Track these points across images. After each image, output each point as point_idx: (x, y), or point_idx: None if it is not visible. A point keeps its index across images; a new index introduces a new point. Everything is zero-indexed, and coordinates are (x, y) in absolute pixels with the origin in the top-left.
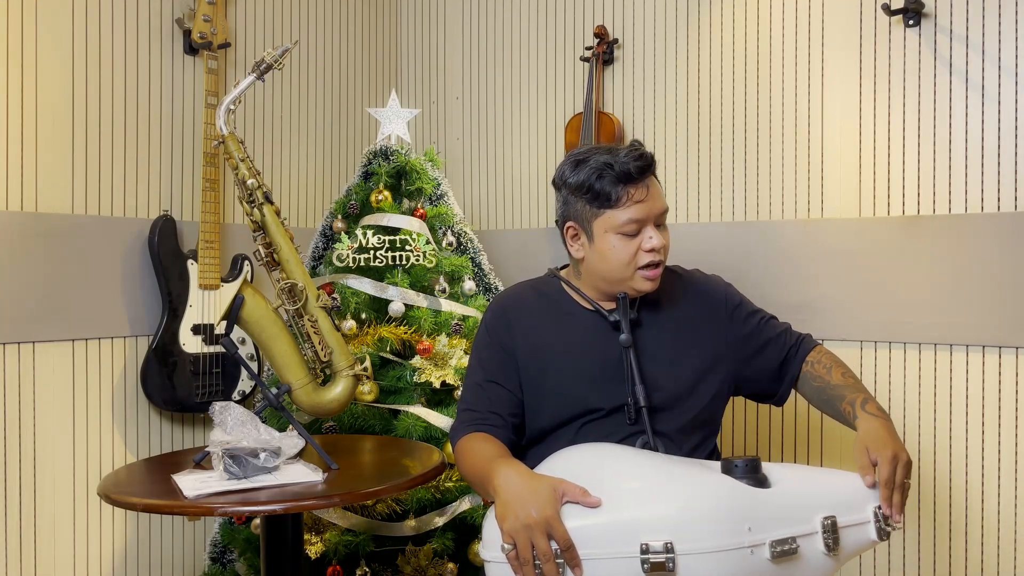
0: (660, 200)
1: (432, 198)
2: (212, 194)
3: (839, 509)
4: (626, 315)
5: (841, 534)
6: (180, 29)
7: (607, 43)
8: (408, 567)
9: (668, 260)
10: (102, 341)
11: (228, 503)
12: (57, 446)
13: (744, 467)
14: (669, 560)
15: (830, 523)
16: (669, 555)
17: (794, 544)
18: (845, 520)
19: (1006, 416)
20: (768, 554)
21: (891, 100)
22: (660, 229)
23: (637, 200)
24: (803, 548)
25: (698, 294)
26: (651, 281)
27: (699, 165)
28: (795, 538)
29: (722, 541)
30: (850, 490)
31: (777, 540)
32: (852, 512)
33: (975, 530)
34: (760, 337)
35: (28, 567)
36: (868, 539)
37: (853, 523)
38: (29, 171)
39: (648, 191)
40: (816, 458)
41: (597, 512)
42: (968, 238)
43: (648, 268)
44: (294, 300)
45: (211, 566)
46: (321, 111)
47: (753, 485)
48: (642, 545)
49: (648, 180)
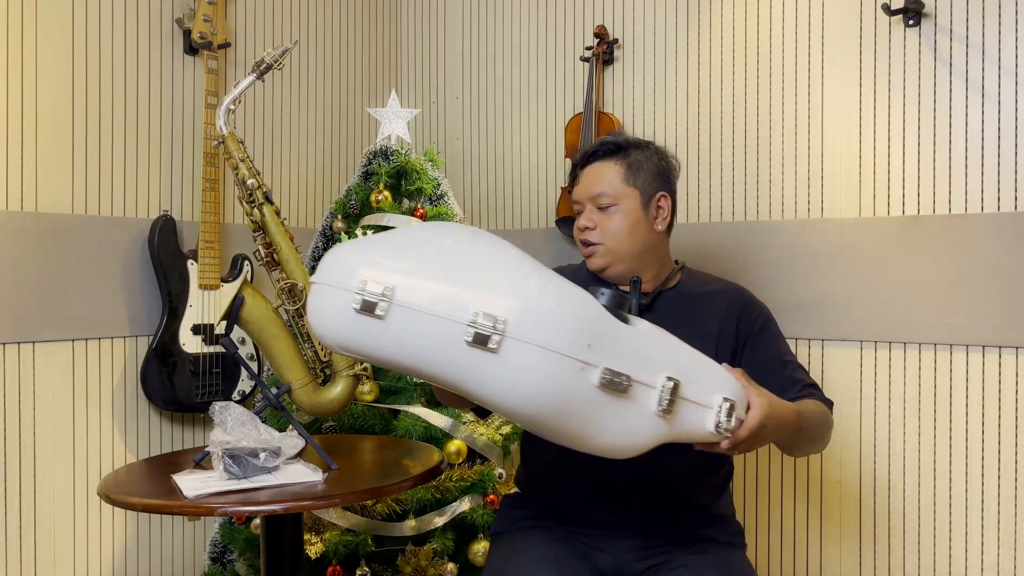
0: (592, 185)
1: (432, 198)
2: (212, 194)
3: (688, 379)
4: (635, 296)
5: (679, 403)
6: (180, 29)
7: (607, 43)
8: (408, 567)
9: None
10: (102, 341)
11: (228, 503)
12: (57, 446)
13: (609, 297)
14: (496, 336)
15: (672, 385)
16: (497, 333)
17: (628, 382)
18: (689, 393)
19: (1006, 416)
20: (597, 379)
21: (891, 100)
22: (603, 212)
23: (576, 184)
24: (636, 393)
25: (727, 302)
26: (588, 259)
27: (699, 165)
28: (630, 377)
29: (556, 342)
30: (709, 372)
31: (611, 370)
32: (699, 390)
33: (975, 531)
34: (764, 367)
35: (28, 567)
36: (703, 427)
37: (695, 400)
38: (29, 171)
39: (585, 176)
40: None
41: (441, 272)
42: (968, 238)
43: (584, 246)
44: (294, 300)
45: (211, 566)
46: (321, 111)
47: (613, 316)
48: (474, 312)
49: (593, 165)
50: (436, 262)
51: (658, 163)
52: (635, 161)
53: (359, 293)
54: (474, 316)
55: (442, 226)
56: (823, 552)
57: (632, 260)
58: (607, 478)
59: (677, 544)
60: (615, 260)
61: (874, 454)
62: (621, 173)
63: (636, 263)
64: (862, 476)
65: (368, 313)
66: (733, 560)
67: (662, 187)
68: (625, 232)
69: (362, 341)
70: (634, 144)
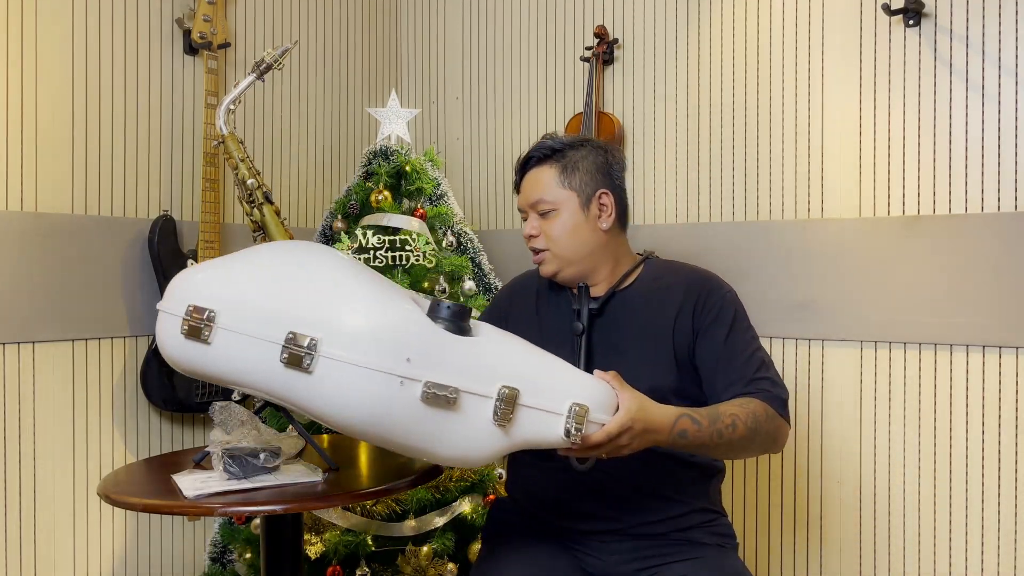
0: (530, 192)
1: (432, 198)
2: (212, 194)
3: (528, 387)
4: (582, 302)
5: (519, 411)
6: (180, 29)
7: (607, 43)
8: (408, 567)
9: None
10: (102, 341)
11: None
12: (57, 446)
13: (448, 312)
14: (309, 356)
15: (507, 393)
16: (310, 352)
17: (453, 395)
18: (530, 401)
19: (1006, 416)
20: (420, 393)
21: (891, 100)
22: (544, 218)
23: (519, 192)
24: (467, 404)
25: (685, 291)
26: (539, 265)
27: (699, 165)
28: (457, 389)
29: (371, 360)
30: (560, 379)
31: (434, 383)
32: (542, 397)
33: (975, 531)
34: (712, 366)
35: (28, 567)
36: (553, 433)
37: (540, 408)
38: (29, 171)
39: (524, 184)
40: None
41: (263, 294)
42: (968, 238)
43: (533, 252)
44: None
45: (211, 566)
46: (321, 111)
47: (450, 331)
48: (288, 333)
49: (531, 172)
50: (261, 283)
51: (595, 160)
52: (570, 162)
53: (186, 319)
54: (288, 337)
55: (282, 245)
56: (823, 552)
57: (581, 262)
58: (593, 482)
59: (667, 546)
60: (564, 264)
61: (874, 454)
62: (556, 177)
63: (586, 264)
64: (862, 476)
65: (195, 337)
66: (725, 561)
67: (602, 184)
68: (567, 236)
69: (195, 363)
70: (568, 144)
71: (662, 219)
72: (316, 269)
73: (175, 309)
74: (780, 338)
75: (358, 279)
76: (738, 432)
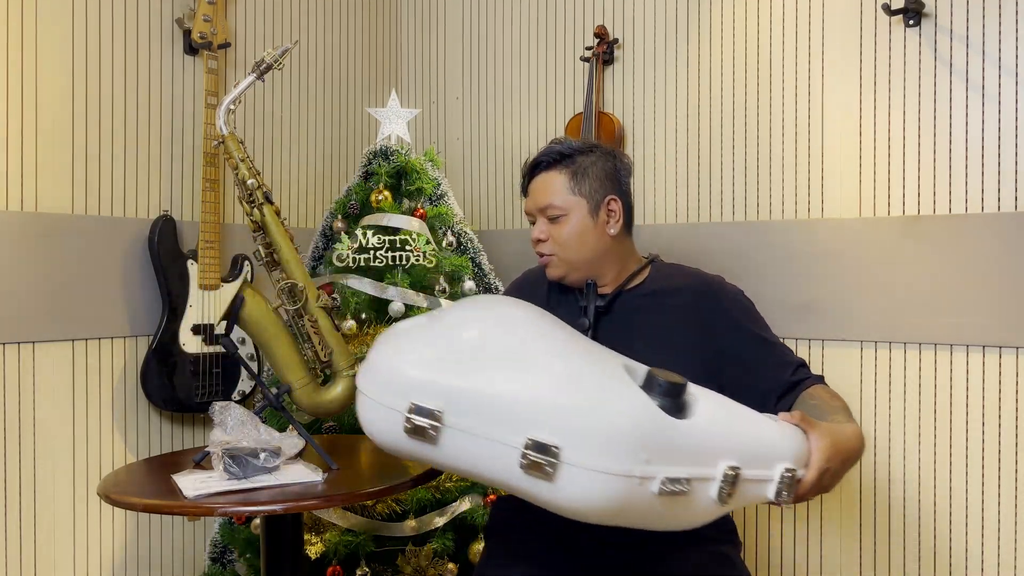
0: (539, 197)
1: (432, 198)
2: (212, 194)
3: (747, 460)
4: (589, 299)
5: (740, 487)
6: (180, 29)
7: (607, 43)
8: (408, 567)
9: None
10: (102, 341)
11: (228, 503)
12: (57, 446)
13: (665, 389)
14: (551, 465)
15: (733, 475)
16: (552, 460)
17: (687, 486)
18: (749, 474)
19: (1006, 416)
20: (656, 489)
21: (891, 100)
22: (553, 223)
23: (528, 195)
24: (695, 490)
25: (694, 294)
26: (546, 268)
27: (699, 165)
28: (690, 480)
29: (614, 465)
30: (767, 441)
31: (671, 479)
32: (759, 466)
33: (975, 531)
34: (753, 361)
35: (28, 567)
36: (763, 496)
37: (756, 478)
38: (29, 171)
39: (533, 187)
40: None
41: (490, 388)
42: (968, 238)
43: (540, 256)
44: (294, 300)
45: (211, 566)
46: (321, 111)
47: (670, 411)
48: (528, 440)
49: (540, 176)
50: (484, 372)
51: (604, 166)
52: (580, 168)
53: (409, 417)
54: (526, 443)
55: (487, 310)
56: (822, 552)
57: (588, 266)
58: None
59: (669, 543)
60: (570, 268)
61: (874, 454)
62: (566, 183)
63: (593, 268)
64: (861, 476)
65: (420, 437)
66: (727, 559)
67: (611, 191)
68: (575, 241)
69: (416, 455)
70: (578, 150)
71: (662, 219)
72: (534, 348)
73: (392, 403)
74: (780, 338)
75: (581, 357)
76: (848, 413)
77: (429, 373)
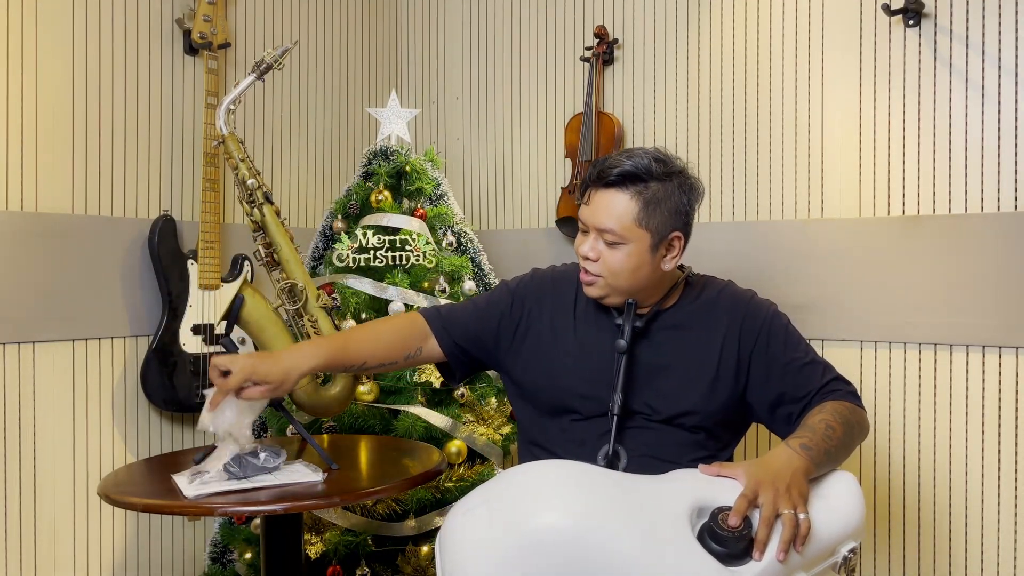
0: (600, 215)
1: (432, 198)
2: (212, 194)
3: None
4: (628, 320)
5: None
6: (180, 29)
7: (607, 43)
8: (408, 567)
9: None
10: (102, 341)
11: (228, 503)
12: (57, 446)
13: (725, 554)
14: None
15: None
16: None
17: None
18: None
19: (1006, 416)
20: None
21: (891, 100)
22: (608, 247)
23: (586, 203)
24: None
25: (727, 313)
26: (586, 286)
27: (699, 165)
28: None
29: None
30: (827, 540)
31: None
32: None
33: (975, 531)
34: (776, 382)
35: (28, 567)
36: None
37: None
38: (29, 171)
39: (596, 200)
40: None
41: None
42: (968, 238)
43: (583, 271)
44: (294, 300)
45: (211, 566)
46: (321, 111)
47: (730, 565)
48: None
49: (607, 191)
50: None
51: (679, 200)
52: (653, 198)
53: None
54: None
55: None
56: None
57: (631, 292)
58: None
59: None
60: (612, 293)
61: (874, 454)
62: (634, 212)
63: (636, 293)
64: (862, 476)
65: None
66: None
67: (678, 226)
68: (628, 272)
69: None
70: (656, 175)
71: None
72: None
73: None
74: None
75: (667, 529)
76: (838, 434)
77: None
